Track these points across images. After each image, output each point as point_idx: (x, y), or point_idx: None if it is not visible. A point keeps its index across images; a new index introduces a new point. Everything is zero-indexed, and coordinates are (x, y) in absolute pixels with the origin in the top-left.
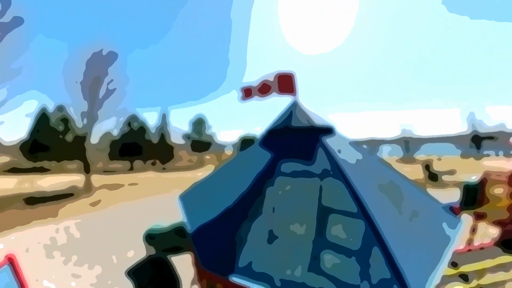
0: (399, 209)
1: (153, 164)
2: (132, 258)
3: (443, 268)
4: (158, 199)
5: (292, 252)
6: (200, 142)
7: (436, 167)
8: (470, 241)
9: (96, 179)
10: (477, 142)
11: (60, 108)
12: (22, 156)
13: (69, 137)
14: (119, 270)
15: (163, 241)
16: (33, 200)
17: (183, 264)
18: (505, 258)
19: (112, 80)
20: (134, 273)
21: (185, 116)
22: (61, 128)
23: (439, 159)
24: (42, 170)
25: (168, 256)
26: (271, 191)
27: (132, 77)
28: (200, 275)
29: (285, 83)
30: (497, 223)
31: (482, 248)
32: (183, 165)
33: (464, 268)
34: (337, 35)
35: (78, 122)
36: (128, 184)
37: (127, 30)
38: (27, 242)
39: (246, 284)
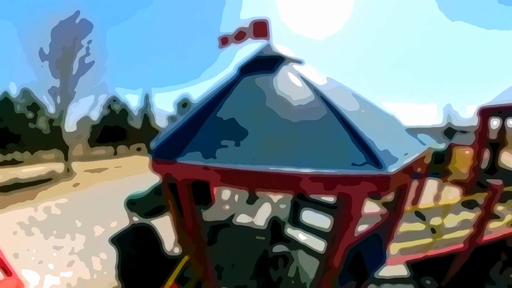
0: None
1: (139, 149)
2: (115, 227)
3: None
4: (141, 177)
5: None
6: None
7: None
8: (437, 197)
9: (77, 165)
10: (449, 134)
11: (26, 93)
12: None
13: (42, 125)
14: (102, 239)
15: (144, 204)
16: (7, 188)
17: (167, 230)
18: (468, 215)
19: (87, 53)
20: (118, 240)
21: (170, 97)
22: (30, 115)
23: None
24: (15, 163)
25: (152, 222)
26: (231, 99)
27: (110, 55)
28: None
29: (260, 28)
30: (459, 183)
31: (447, 205)
32: None
33: (433, 222)
34: (331, 25)
35: (50, 107)
36: (112, 168)
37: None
38: (3, 224)
39: (192, 162)
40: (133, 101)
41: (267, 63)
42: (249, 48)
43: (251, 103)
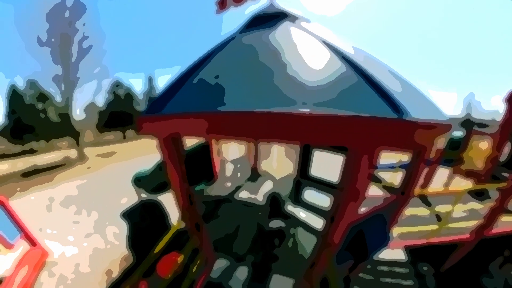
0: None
1: None
2: (126, 203)
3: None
4: (149, 158)
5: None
6: None
7: None
8: (446, 184)
9: (89, 150)
10: (467, 127)
11: (32, 84)
12: (6, 141)
13: (51, 114)
14: (114, 214)
15: (149, 181)
16: (28, 173)
17: (173, 205)
18: (475, 205)
19: (84, 37)
20: (128, 214)
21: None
22: (40, 106)
23: None
24: (33, 152)
25: (159, 198)
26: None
27: (108, 35)
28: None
29: None
30: (472, 174)
31: (455, 192)
32: None
33: (439, 209)
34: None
35: (57, 96)
36: (121, 151)
37: None
38: (28, 204)
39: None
40: (137, 85)
41: (267, 20)
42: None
43: (243, 56)
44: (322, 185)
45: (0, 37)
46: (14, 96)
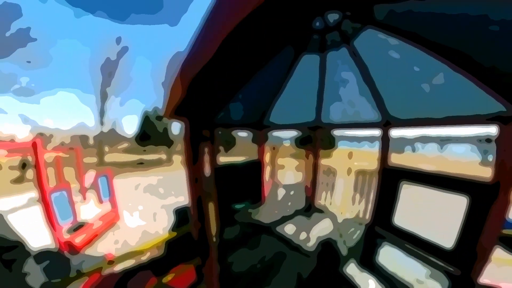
0: None
1: (218, 150)
2: (181, 201)
3: None
4: None
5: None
6: None
7: None
8: None
9: (176, 156)
10: None
11: (155, 110)
12: (136, 143)
13: (160, 128)
14: (171, 207)
15: None
16: (136, 164)
17: None
18: None
19: None
20: (179, 212)
21: None
22: (157, 124)
23: None
24: (144, 151)
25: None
26: None
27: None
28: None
29: None
30: None
31: None
32: (242, 151)
33: None
34: None
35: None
36: None
37: None
38: (126, 183)
39: None
40: None
41: None
42: None
43: None
44: (417, 246)
45: (149, 84)
46: (145, 117)
